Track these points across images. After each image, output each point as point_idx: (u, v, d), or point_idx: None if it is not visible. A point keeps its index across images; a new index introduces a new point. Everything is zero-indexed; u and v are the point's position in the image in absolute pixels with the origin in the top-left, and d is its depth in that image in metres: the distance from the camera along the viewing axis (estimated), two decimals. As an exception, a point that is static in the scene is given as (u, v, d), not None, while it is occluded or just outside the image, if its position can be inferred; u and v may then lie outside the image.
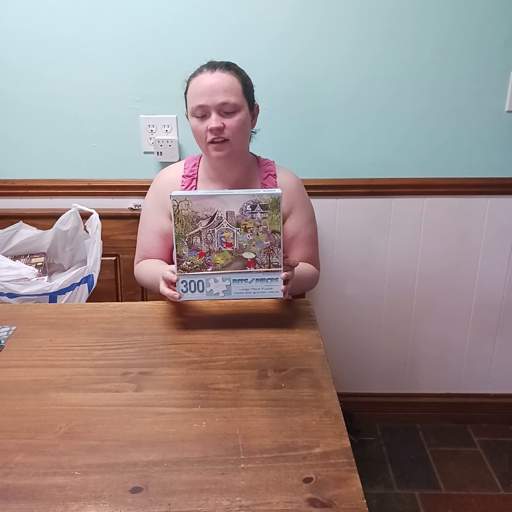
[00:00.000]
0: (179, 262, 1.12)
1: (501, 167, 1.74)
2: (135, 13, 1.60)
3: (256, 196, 1.09)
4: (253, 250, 1.13)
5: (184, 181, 1.39)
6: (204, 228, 1.11)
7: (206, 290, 1.14)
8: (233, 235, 1.12)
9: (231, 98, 1.25)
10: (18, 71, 1.66)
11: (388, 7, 1.59)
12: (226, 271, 1.13)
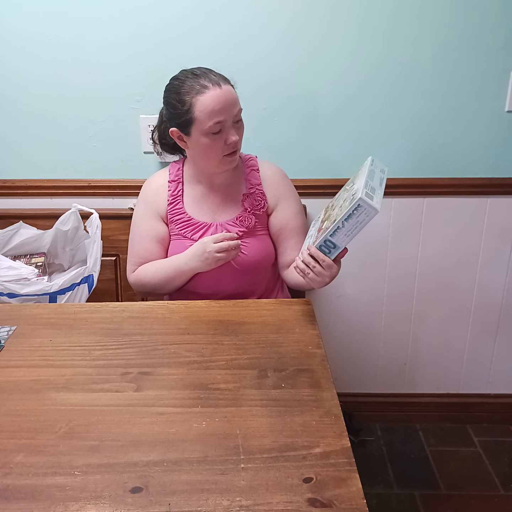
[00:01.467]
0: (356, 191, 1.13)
1: (501, 167, 1.74)
2: (135, 13, 1.60)
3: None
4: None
5: (170, 186, 1.42)
6: (345, 190, 1.24)
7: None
8: (336, 204, 1.22)
9: (240, 107, 1.30)
10: (18, 71, 1.66)
11: (388, 7, 1.59)
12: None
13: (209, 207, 1.40)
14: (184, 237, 1.39)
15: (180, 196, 1.41)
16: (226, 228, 1.37)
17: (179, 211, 1.40)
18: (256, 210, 1.39)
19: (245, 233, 1.37)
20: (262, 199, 1.39)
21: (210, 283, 1.38)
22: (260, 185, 1.40)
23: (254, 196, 1.39)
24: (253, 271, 1.39)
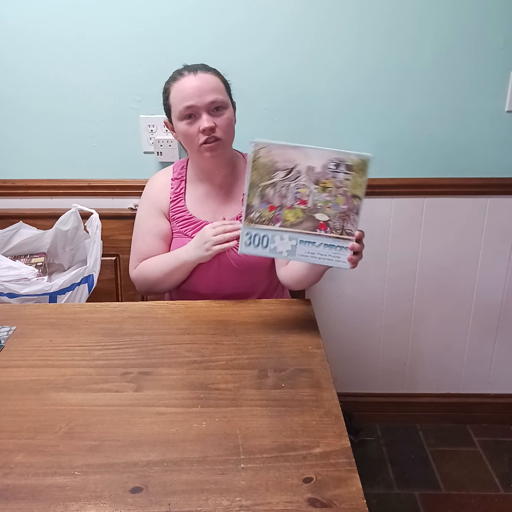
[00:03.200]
0: (248, 213, 1.05)
1: (501, 167, 1.74)
2: (135, 13, 1.60)
3: (343, 154, 1.00)
4: (328, 213, 1.04)
5: (173, 184, 1.42)
6: (280, 180, 1.03)
7: (270, 247, 1.06)
8: (309, 193, 1.04)
9: (219, 96, 1.27)
10: (18, 71, 1.66)
11: (388, 8, 1.59)
12: (294, 230, 1.05)
13: (210, 206, 1.40)
14: (185, 235, 1.39)
15: (182, 194, 1.41)
16: None
17: (180, 209, 1.40)
18: None
19: None
20: None
21: (210, 282, 1.38)
22: None
23: None
24: (253, 270, 1.39)
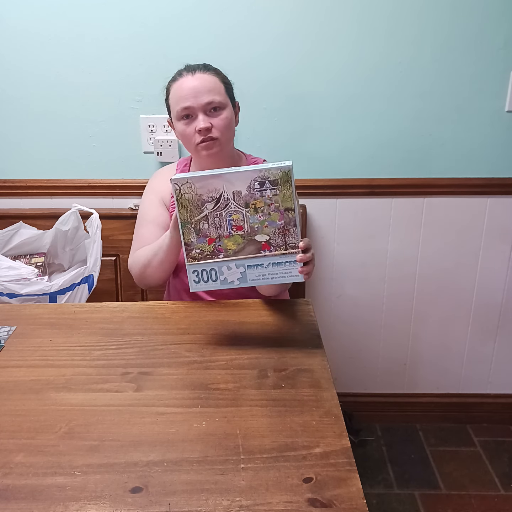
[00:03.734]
0: (188, 251, 1.05)
1: (501, 167, 1.74)
2: (135, 13, 1.60)
3: (264, 171, 1.00)
4: (267, 232, 1.04)
5: None
6: (211, 211, 1.03)
7: (219, 279, 1.06)
8: (242, 217, 1.04)
9: (216, 97, 1.26)
10: (18, 71, 1.66)
11: (388, 8, 1.59)
12: (239, 257, 1.05)
13: None
14: None
15: None
16: None
17: None
18: None
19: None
20: None
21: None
22: None
23: None
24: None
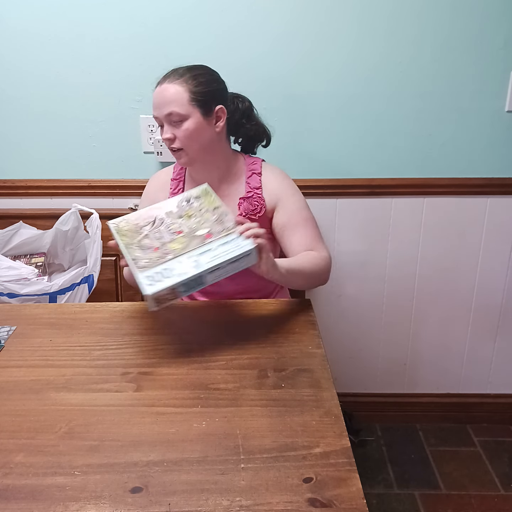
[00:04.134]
0: (137, 263, 1.04)
1: (501, 167, 1.74)
2: (135, 13, 1.60)
3: (186, 193, 1.15)
4: (205, 226, 1.09)
5: (172, 184, 1.41)
6: (150, 231, 1.10)
7: (174, 273, 1.02)
8: (179, 225, 1.11)
9: (175, 109, 1.24)
10: (18, 71, 1.66)
11: (388, 8, 1.59)
12: (187, 251, 1.05)
13: None
14: None
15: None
16: None
17: None
18: (252, 215, 1.34)
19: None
20: (259, 203, 1.34)
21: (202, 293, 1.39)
22: (260, 189, 1.36)
23: (250, 201, 1.35)
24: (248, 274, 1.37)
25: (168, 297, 1.01)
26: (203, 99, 1.26)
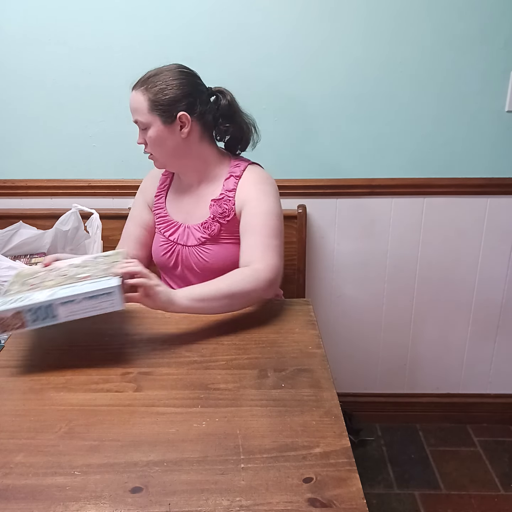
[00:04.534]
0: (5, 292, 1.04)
1: (501, 167, 1.74)
2: (135, 13, 1.60)
3: (100, 254, 1.18)
4: (89, 271, 1.06)
5: (161, 179, 1.45)
6: (40, 274, 1.11)
7: (25, 300, 0.96)
8: (68, 271, 1.09)
9: (139, 117, 1.27)
10: (18, 71, 1.66)
11: (388, 9, 1.59)
12: (54, 285, 1.01)
13: (183, 207, 1.39)
14: (159, 232, 1.42)
15: (164, 191, 1.44)
16: (191, 231, 1.35)
17: (160, 205, 1.43)
18: (220, 218, 1.31)
19: (208, 240, 1.33)
20: (228, 206, 1.31)
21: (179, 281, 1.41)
22: (233, 191, 1.31)
23: (220, 203, 1.32)
24: (216, 273, 1.25)
25: (15, 323, 0.96)
26: (162, 107, 1.24)
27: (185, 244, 1.36)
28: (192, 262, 1.35)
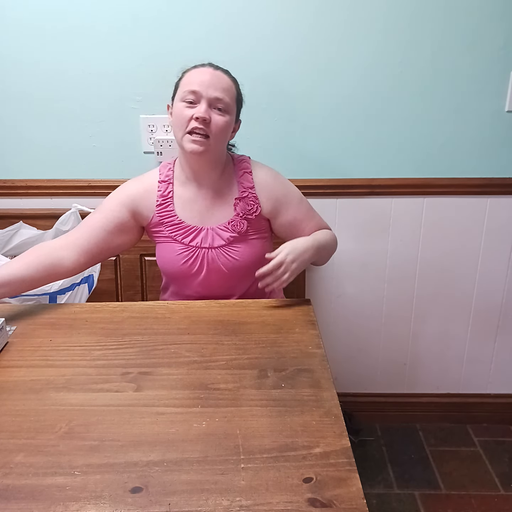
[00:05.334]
0: None
1: (501, 167, 1.74)
2: (136, 12, 1.60)
3: None
4: None
5: (161, 186, 1.36)
6: None
7: None
8: None
9: (226, 97, 1.25)
10: (18, 71, 1.66)
11: (387, 6, 1.59)
12: None
13: (198, 209, 1.35)
14: (175, 240, 1.34)
15: (170, 198, 1.35)
16: (216, 232, 1.33)
17: (169, 213, 1.34)
18: (249, 215, 1.33)
19: (236, 238, 1.33)
20: (255, 203, 1.34)
21: (198, 287, 1.36)
22: (253, 188, 1.34)
23: (246, 200, 1.34)
24: (242, 275, 1.36)
25: None
26: (240, 103, 1.34)
27: (210, 247, 1.33)
28: (220, 263, 1.33)
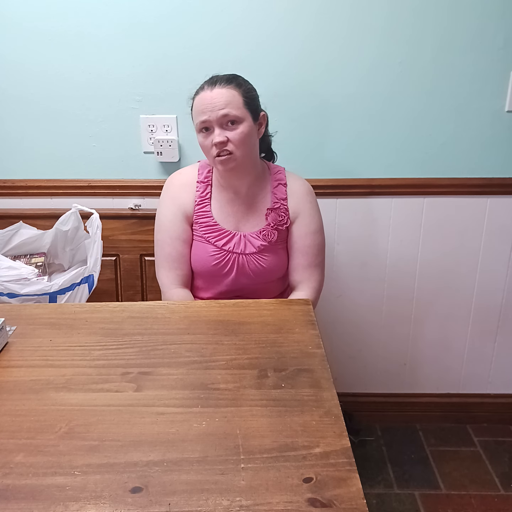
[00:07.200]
0: None
1: (501, 167, 1.74)
2: (135, 12, 1.60)
3: None
4: None
5: (199, 187, 1.39)
6: None
7: None
8: None
9: (232, 111, 1.26)
10: (19, 71, 1.66)
11: (387, 6, 1.59)
12: None
13: (234, 215, 1.39)
14: (207, 241, 1.37)
15: (208, 199, 1.39)
16: (249, 240, 1.37)
17: (206, 214, 1.38)
18: (279, 226, 1.38)
19: (266, 247, 1.38)
20: (285, 215, 1.38)
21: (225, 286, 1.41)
22: (286, 200, 1.39)
23: (278, 212, 1.38)
24: (267, 279, 1.43)
25: None
26: (253, 103, 1.32)
27: (242, 253, 1.37)
28: (249, 269, 1.38)
